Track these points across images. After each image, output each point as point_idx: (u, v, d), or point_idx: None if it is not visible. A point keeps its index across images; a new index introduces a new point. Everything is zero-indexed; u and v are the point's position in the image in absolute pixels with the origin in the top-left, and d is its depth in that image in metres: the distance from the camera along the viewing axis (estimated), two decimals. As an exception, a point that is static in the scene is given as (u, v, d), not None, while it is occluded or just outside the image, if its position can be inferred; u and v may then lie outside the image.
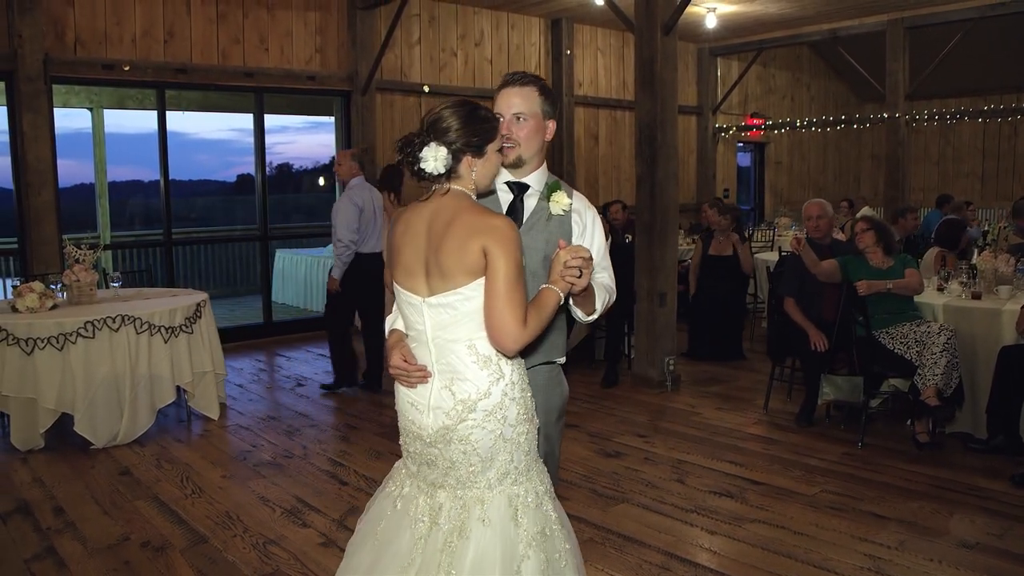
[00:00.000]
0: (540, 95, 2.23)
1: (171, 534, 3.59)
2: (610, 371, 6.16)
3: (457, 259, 1.89)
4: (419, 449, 2.04)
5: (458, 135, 1.94)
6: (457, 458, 1.97)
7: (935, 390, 4.33)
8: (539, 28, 10.23)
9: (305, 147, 16.43)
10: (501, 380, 1.96)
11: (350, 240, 5.64)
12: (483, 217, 1.91)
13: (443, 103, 2.00)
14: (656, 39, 5.74)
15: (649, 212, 5.87)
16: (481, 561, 1.91)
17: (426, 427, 1.99)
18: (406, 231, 2.00)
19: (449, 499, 2.00)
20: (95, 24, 6.97)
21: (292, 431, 5.14)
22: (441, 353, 1.97)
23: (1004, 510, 3.70)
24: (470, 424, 1.95)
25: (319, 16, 8.28)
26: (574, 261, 1.96)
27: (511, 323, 1.87)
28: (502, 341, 1.90)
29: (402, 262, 2.01)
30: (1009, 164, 13.73)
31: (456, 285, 1.91)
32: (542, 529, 2.01)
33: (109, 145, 9.53)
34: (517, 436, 1.99)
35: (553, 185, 2.25)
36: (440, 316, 1.96)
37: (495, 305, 1.88)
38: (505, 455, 1.98)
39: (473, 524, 1.95)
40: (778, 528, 3.54)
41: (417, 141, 1.94)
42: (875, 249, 4.86)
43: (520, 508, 1.99)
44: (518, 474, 2.01)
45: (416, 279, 1.98)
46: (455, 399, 1.95)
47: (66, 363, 4.63)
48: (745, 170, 14.30)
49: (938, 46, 10.63)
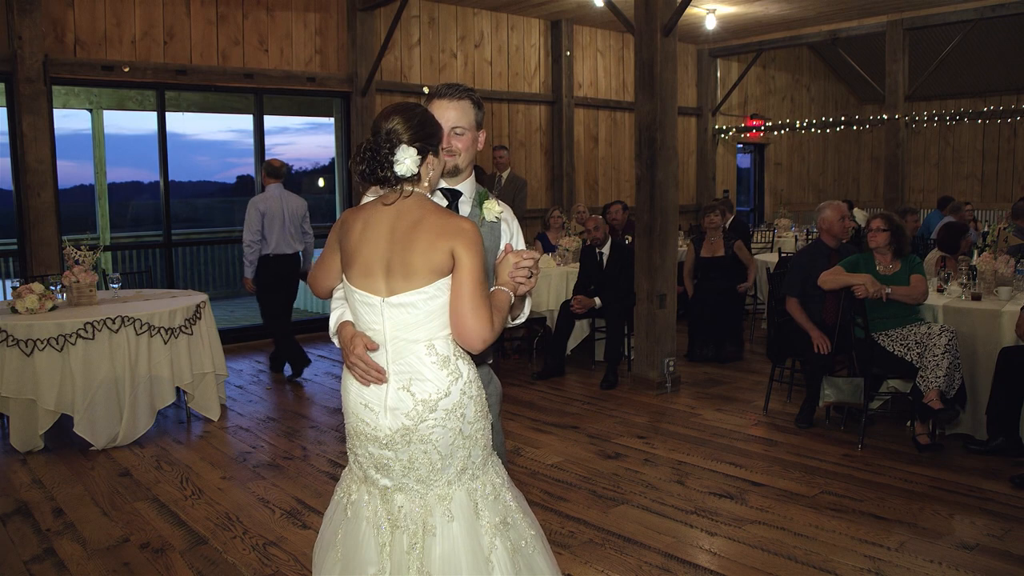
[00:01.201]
0: (473, 107, 2.29)
1: (171, 535, 3.58)
2: (610, 372, 6.16)
3: (424, 259, 1.93)
4: (371, 452, 2.03)
5: (422, 135, 1.98)
6: (417, 457, 1.99)
7: (938, 393, 4.32)
8: (539, 29, 10.23)
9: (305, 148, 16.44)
10: (460, 379, 2.00)
11: (250, 241, 6.31)
12: (451, 220, 1.97)
13: (390, 106, 2.02)
14: (656, 40, 5.74)
15: (649, 213, 5.87)
16: (452, 556, 1.97)
17: (382, 428, 2.00)
18: (364, 231, 1.99)
19: (408, 500, 2.02)
20: (95, 25, 6.97)
21: (292, 432, 5.14)
22: (399, 354, 1.99)
23: (1004, 511, 3.70)
24: (431, 424, 1.98)
25: (319, 17, 8.28)
26: (525, 262, 2.06)
27: (480, 322, 1.94)
28: (470, 340, 1.96)
29: (359, 262, 1.99)
30: (1009, 165, 13.74)
31: (420, 284, 1.94)
32: (504, 519, 2.06)
33: (109, 146, 9.54)
34: (475, 433, 2.04)
35: (483, 194, 2.34)
36: (401, 316, 1.97)
37: (464, 305, 1.94)
38: (464, 451, 2.03)
39: (438, 521, 1.99)
40: (778, 529, 3.54)
41: (386, 145, 1.94)
42: (886, 251, 4.78)
43: (480, 501, 2.04)
44: (475, 468, 2.06)
45: (374, 279, 1.98)
46: (415, 399, 1.97)
47: (66, 364, 4.63)
48: (745, 171, 14.31)
49: (938, 47, 10.66)
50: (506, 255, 2.10)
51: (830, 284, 4.78)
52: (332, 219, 9.23)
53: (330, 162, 9.57)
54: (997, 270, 4.97)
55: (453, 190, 2.31)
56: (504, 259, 2.10)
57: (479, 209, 2.31)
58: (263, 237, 6.31)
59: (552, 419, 5.32)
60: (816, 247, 5.37)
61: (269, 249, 6.34)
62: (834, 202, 5.49)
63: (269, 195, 6.39)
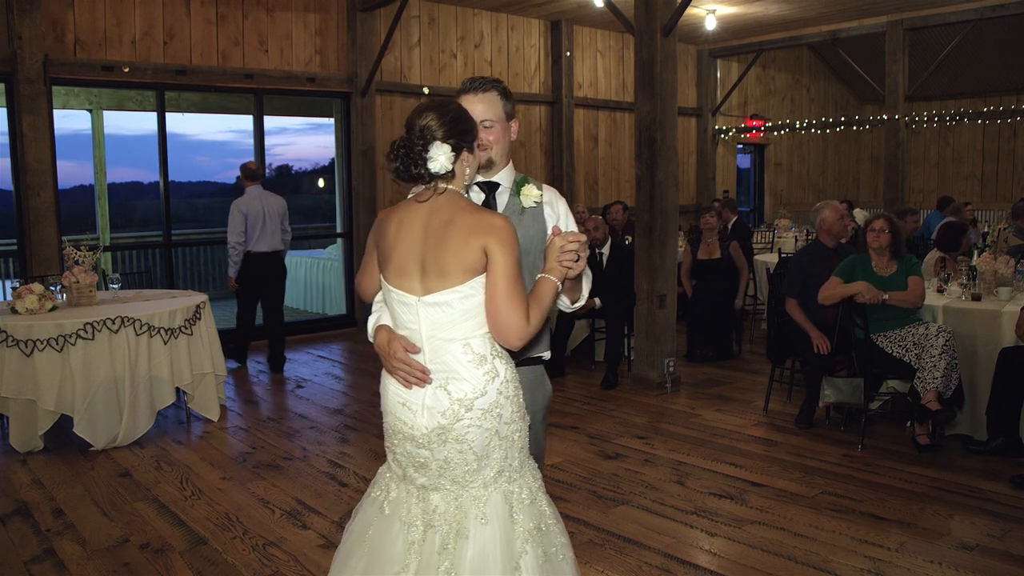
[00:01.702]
0: (501, 98, 2.26)
1: (171, 536, 3.58)
2: (610, 373, 6.16)
3: (458, 257, 1.91)
4: (409, 451, 2.02)
5: (456, 131, 1.96)
6: (453, 457, 1.97)
7: (935, 394, 4.32)
8: (539, 30, 10.23)
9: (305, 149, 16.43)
10: (496, 378, 1.98)
11: (235, 242, 6.56)
12: (483, 216, 1.94)
13: (425, 103, 2.00)
14: (656, 41, 5.74)
15: (648, 214, 5.87)
16: (482, 559, 1.93)
17: (419, 427, 1.98)
18: (399, 230, 1.98)
19: (443, 501, 1.99)
20: (95, 26, 6.97)
21: (292, 433, 5.14)
22: (436, 353, 1.97)
23: (1004, 512, 3.70)
24: (466, 423, 1.95)
25: (319, 18, 8.28)
26: (571, 245, 1.99)
27: (516, 319, 1.90)
28: (507, 337, 1.93)
29: (395, 261, 1.98)
30: (1008, 166, 13.74)
31: (454, 283, 1.92)
32: (537, 525, 2.03)
33: (109, 146, 9.54)
34: (511, 434, 2.01)
35: (521, 181, 2.30)
36: (437, 315, 1.95)
37: (499, 302, 1.91)
38: (500, 452, 2.00)
39: (471, 523, 1.96)
40: (778, 530, 3.54)
41: (419, 142, 1.93)
42: (884, 252, 4.78)
43: (515, 505, 2.01)
44: (512, 471, 2.03)
45: (410, 278, 1.96)
46: (451, 399, 1.95)
47: (65, 365, 4.63)
48: (745, 172, 14.31)
49: (938, 48, 10.66)
50: (552, 238, 2.03)
51: (830, 300, 4.76)
52: (332, 219, 9.22)
53: (330, 162, 9.55)
54: (997, 270, 4.97)
55: (490, 183, 2.28)
56: (550, 243, 2.03)
57: (516, 197, 2.27)
58: (247, 237, 6.58)
59: (552, 419, 5.30)
60: (815, 247, 5.38)
61: (251, 246, 6.61)
62: (832, 202, 5.49)
63: (250, 196, 6.64)
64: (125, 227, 11.31)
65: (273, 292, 6.83)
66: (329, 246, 10.31)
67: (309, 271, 10.22)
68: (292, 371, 6.90)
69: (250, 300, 6.87)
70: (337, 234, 9.02)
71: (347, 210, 8.75)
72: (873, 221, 4.84)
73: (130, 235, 11.03)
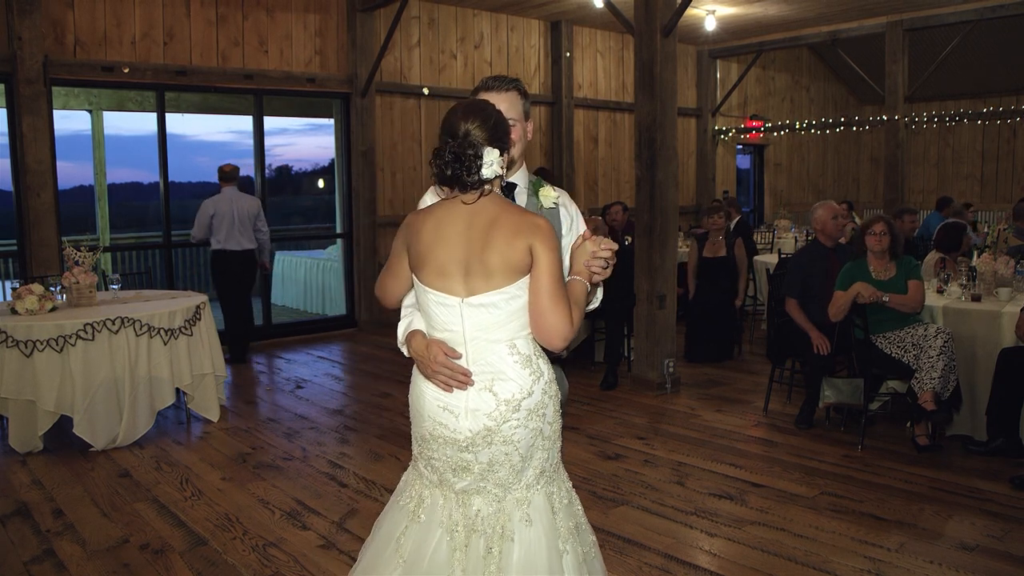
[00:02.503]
0: (521, 97, 2.26)
1: (170, 536, 3.58)
2: (610, 373, 6.16)
3: (503, 258, 1.90)
4: (449, 455, 1.98)
5: (498, 135, 1.94)
6: (498, 459, 1.95)
7: (932, 394, 4.32)
8: (539, 30, 10.24)
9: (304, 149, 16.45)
10: (541, 378, 1.98)
11: (199, 239, 7.15)
12: (526, 217, 1.94)
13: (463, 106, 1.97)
14: (656, 41, 5.74)
15: (648, 214, 5.87)
16: (529, 561, 1.93)
17: (462, 431, 1.95)
18: (437, 231, 1.95)
19: (486, 504, 1.98)
20: (95, 26, 6.97)
21: (291, 433, 5.14)
22: (480, 354, 1.95)
23: (1004, 512, 3.70)
24: (513, 424, 1.94)
25: (319, 18, 8.28)
26: (603, 252, 2.00)
27: (561, 320, 1.90)
28: (552, 339, 1.93)
29: (434, 263, 1.94)
30: (1008, 166, 13.74)
31: (500, 284, 1.91)
32: (576, 524, 2.05)
33: (108, 147, 9.54)
34: (553, 433, 2.03)
35: (537, 182, 2.30)
36: (481, 316, 1.93)
37: (543, 303, 1.91)
38: (543, 453, 2.00)
39: (516, 526, 1.95)
40: (778, 530, 3.54)
41: (471, 151, 1.88)
42: (884, 255, 4.76)
43: (556, 505, 2.02)
44: (553, 472, 2.04)
45: (452, 280, 1.93)
46: (498, 399, 1.94)
47: (65, 365, 4.63)
48: (744, 172, 14.31)
49: (937, 48, 10.66)
50: (583, 242, 2.03)
51: (839, 314, 4.71)
52: (331, 220, 9.22)
53: (330, 163, 9.56)
54: (997, 271, 4.97)
55: (508, 183, 2.28)
56: (581, 246, 2.03)
57: (536, 198, 2.27)
58: (213, 234, 7.02)
59: (552, 420, 5.31)
60: (814, 247, 5.38)
61: (220, 244, 7.04)
62: (827, 202, 5.49)
63: (221, 197, 7.06)
64: (125, 228, 11.31)
65: (242, 287, 7.25)
66: (329, 247, 10.32)
67: (309, 272, 10.22)
68: (292, 371, 6.90)
69: (225, 297, 7.25)
70: (337, 235, 9.01)
71: (347, 211, 8.75)
72: (873, 224, 4.81)
73: (130, 236, 11.03)
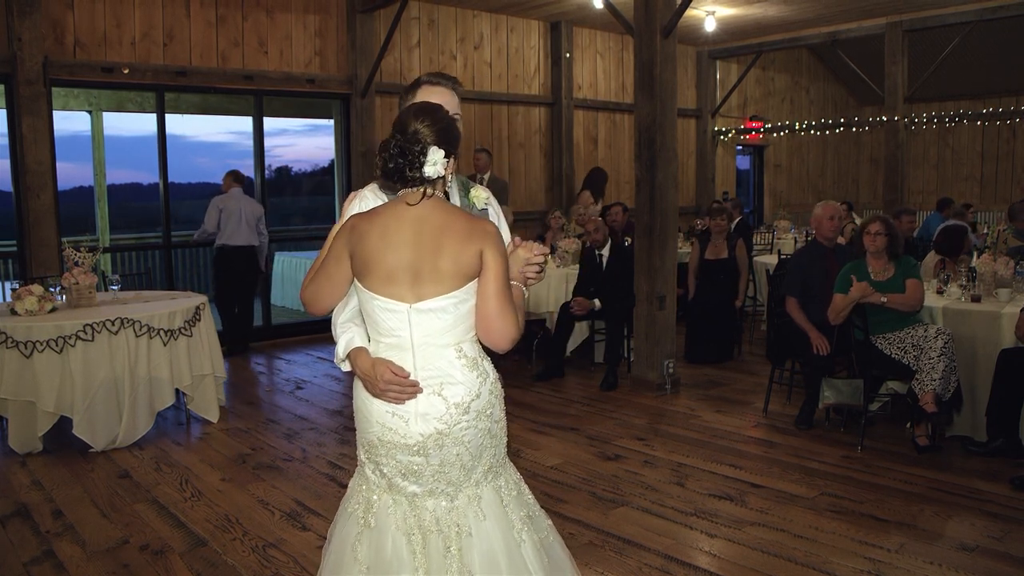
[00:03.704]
0: (458, 96, 2.25)
1: (170, 537, 3.58)
2: (609, 374, 6.16)
3: (454, 264, 1.91)
4: (400, 460, 1.99)
5: (448, 139, 1.94)
6: (449, 460, 1.98)
7: (933, 396, 4.31)
8: (538, 31, 10.24)
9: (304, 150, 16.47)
10: (487, 380, 2.02)
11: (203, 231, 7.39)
12: (475, 222, 1.96)
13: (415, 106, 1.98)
14: (655, 42, 5.74)
15: (648, 215, 5.87)
16: (489, 553, 1.97)
17: (412, 435, 1.96)
18: (384, 237, 1.92)
19: (438, 504, 2.00)
20: (94, 27, 6.97)
21: (291, 434, 5.14)
22: (428, 359, 1.96)
23: (1004, 513, 3.70)
24: (463, 426, 1.97)
25: (318, 19, 8.28)
26: (537, 258, 2.05)
27: (509, 323, 1.94)
28: (499, 342, 1.96)
29: (381, 269, 1.92)
30: (1008, 167, 13.74)
31: (450, 289, 1.92)
32: (528, 512, 2.09)
33: (108, 148, 9.54)
34: (500, 431, 2.08)
35: (465, 182, 2.29)
36: (430, 322, 1.94)
37: (492, 307, 1.93)
38: (491, 450, 2.05)
39: (472, 522, 1.99)
40: (778, 531, 3.54)
41: (416, 146, 1.90)
42: (882, 255, 4.75)
43: (505, 498, 2.06)
44: (499, 467, 2.09)
45: (399, 286, 1.93)
46: (448, 403, 1.96)
47: (65, 366, 4.63)
48: (744, 173, 14.31)
49: (937, 49, 10.65)
50: (516, 248, 2.06)
51: (840, 317, 4.69)
52: (331, 220, 9.21)
53: (329, 164, 9.57)
54: (997, 271, 4.97)
55: None
56: (514, 253, 2.05)
57: (467, 199, 2.26)
58: (220, 230, 7.30)
59: (552, 421, 5.32)
60: (813, 247, 5.39)
61: (225, 239, 7.31)
62: (827, 202, 5.49)
63: (230, 196, 7.40)
64: (125, 228, 11.31)
65: (245, 284, 7.49)
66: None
67: (309, 272, 10.21)
68: (292, 372, 6.90)
69: (227, 293, 7.46)
70: (337, 235, 8.99)
71: (347, 211, 8.73)
72: (869, 224, 4.81)
73: (130, 236, 11.03)
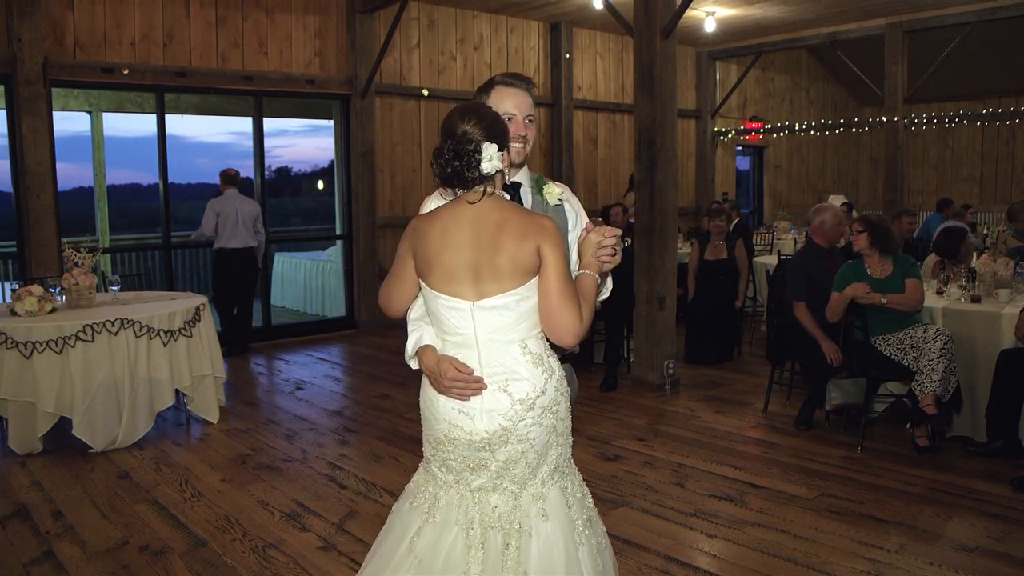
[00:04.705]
0: (532, 97, 2.27)
1: (170, 538, 3.58)
2: (609, 375, 6.16)
3: (512, 261, 1.92)
4: (466, 455, 2.00)
5: (496, 133, 1.96)
6: (514, 457, 1.98)
7: (933, 397, 4.31)
8: (538, 32, 10.24)
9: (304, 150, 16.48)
10: (553, 376, 2.01)
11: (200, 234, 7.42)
12: (533, 218, 1.97)
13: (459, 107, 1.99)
14: (655, 43, 5.74)
15: (648, 215, 5.87)
16: (547, 555, 1.96)
17: (478, 432, 1.97)
18: (444, 236, 1.96)
19: (502, 501, 2.00)
20: (94, 27, 6.97)
21: (291, 434, 5.14)
22: (493, 355, 1.97)
23: (1004, 513, 3.70)
24: (528, 422, 1.97)
25: (318, 20, 8.29)
26: (608, 240, 2.04)
27: (571, 318, 1.94)
28: (564, 337, 1.96)
29: (442, 268, 1.95)
30: (1008, 167, 13.74)
31: (511, 286, 1.94)
32: (589, 517, 2.08)
33: (108, 148, 9.54)
34: (565, 429, 2.06)
35: (539, 179, 2.31)
36: (493, 319, 1.95)
37: (553, 302, 1.94)
38: (556, 449, 2.04)
39: (533, 521, 1.98)
40: (778, 532, 3.54)
41: (470, 146, 1.90)
42: (871, 253, 4.73)
43: (570, 499, 2.05)
44: (566, 467, 2.07)
45: (460, 284, 1.95)
46: (512, 399, 1.96)
47: (65, 366, 4.62)
48: (744, 173, 14.31)
49: (937, 50, 10.65)
50: (588, 234, 2.07)
51: (837, 315, 4.70)
52: (331, 221, 9.22)
53: (329, 164, 9.56)
54: (996, 272, 4.97)
55: (513, 182, 2.28)
56: (586, 239, 2.07)
57: (540, 196, 2.28)
58: (218, 234, 7.30)
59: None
60: (810, 249, 5.38)
61: (223, 243, 7.31)
62: (833, 206, 5.48)
63: (225, 198, 7.39)
64: (124, 229, 11.31)
65: (244, 285, 7.50)
66: (329, 248, 10.31)
67: (309, 273, 10.21)
68: (291, 373, 6.90)
69: (226, 295, 7.48)
70: (336, 236, 9.01)
71: (346, 212, 8.75)
72: (852, 226, 4.86)
73: (129, 237, 11.03)
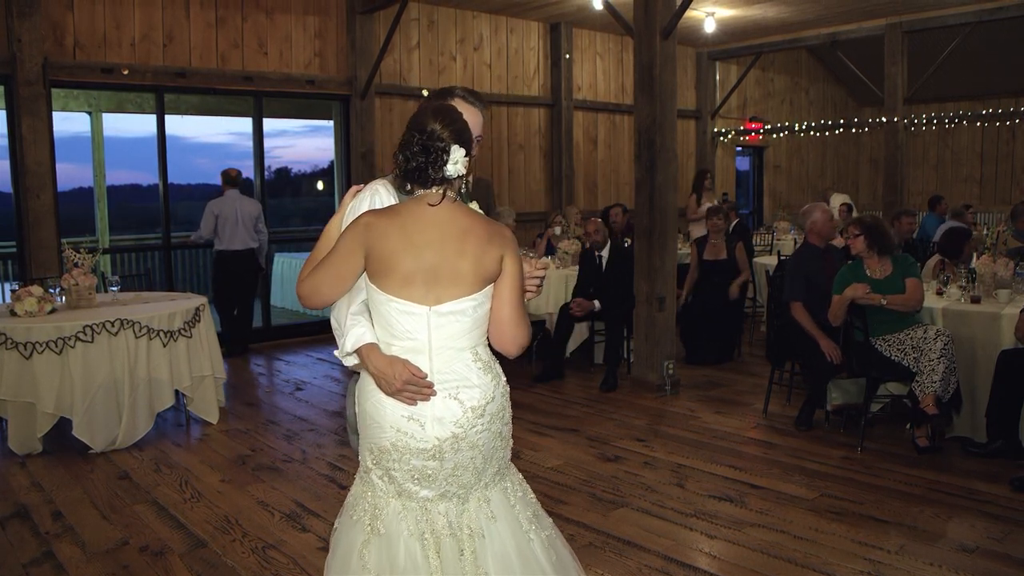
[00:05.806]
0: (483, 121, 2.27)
1: (170, 538, 3.58)
2: (609, 375, 6.15)
3: (476, 267, 1.93)
4: (414, 465, 1.96)
5: (464, 139, 1.95)
6: (463, 463, 1.98)
7: (934, 398, 4.31)
8: (538, 32, 10.24)
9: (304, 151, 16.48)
10: (500, 382, 2.04)
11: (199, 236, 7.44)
12: (496, 227, 1.99)
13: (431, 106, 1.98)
14: (655, 43, 5.74)
15: (648, 216, 5.87)
16: (502, 553, 1.99)
17: (429, 439, 1.95)
18: (405, 238, 1.90)
19: (451, 508, 2.00)
20: (94, 28, 6.97)
21: (291, 435, 5.14)
22: (445, 362, 1.95)
23: (1004, 514, 3.69)
24: (479, 429, 1.98)
25: (318, 20, 8.29)
26: (537, 272, 2.11)
27: (521, 329, 1.99)
28: (510, 347, 2.01)
29: (400, 270, 1.90)
30: (1007, 168, 13.75)
31: (469, 292, 1.94)
32: (534, 512, 2.12)
33: (108, 149, 9.54)
34: (508, 433, 2.11)
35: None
36: (450, 325, 1.94)
37: (507, 313, 1.97)
38: (500, 453, 2.08)
39: (484, 523, 2.00)
40: (778, 532, 3.54)
41: (440, 144, 1.89)
42: (869, 254, 4.73)
43: (512, 498, 2.08)
44: (506, 468, 2.12)
45: (417, 288, 1.91)
46: (464, 407, 1.96)
47: (65, 367, 4.62)
48: (744, 174, 14.31)
49: (936, 50, 10.65)
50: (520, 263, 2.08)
51: (839, 317, 4.70)
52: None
53: (329, 165, 9.57)
54: (996, 272, 4.97)
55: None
56: None
57: None
58: (218, 236, 7.28)
59: (551, 422, 5.32)
60: (806, 249, 5.38)
61: (223, 245, 7.30)
62: (820, 204, 5.50)
63: (225, 199, 7.35)
64: (124, 229, 11.31)
65: (244, 286, 7.50)
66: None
67: (308, 273, 10.18)
68: (291, 373, 6.90)
69: (226, 296, 7.48)
70: (336, 236, 8.99)
71: (346, 212, 8.73)
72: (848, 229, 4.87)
73: (129, 237, 11.02)
